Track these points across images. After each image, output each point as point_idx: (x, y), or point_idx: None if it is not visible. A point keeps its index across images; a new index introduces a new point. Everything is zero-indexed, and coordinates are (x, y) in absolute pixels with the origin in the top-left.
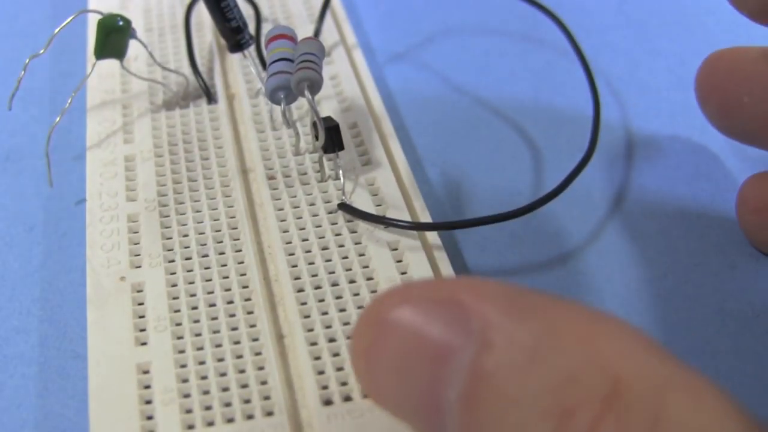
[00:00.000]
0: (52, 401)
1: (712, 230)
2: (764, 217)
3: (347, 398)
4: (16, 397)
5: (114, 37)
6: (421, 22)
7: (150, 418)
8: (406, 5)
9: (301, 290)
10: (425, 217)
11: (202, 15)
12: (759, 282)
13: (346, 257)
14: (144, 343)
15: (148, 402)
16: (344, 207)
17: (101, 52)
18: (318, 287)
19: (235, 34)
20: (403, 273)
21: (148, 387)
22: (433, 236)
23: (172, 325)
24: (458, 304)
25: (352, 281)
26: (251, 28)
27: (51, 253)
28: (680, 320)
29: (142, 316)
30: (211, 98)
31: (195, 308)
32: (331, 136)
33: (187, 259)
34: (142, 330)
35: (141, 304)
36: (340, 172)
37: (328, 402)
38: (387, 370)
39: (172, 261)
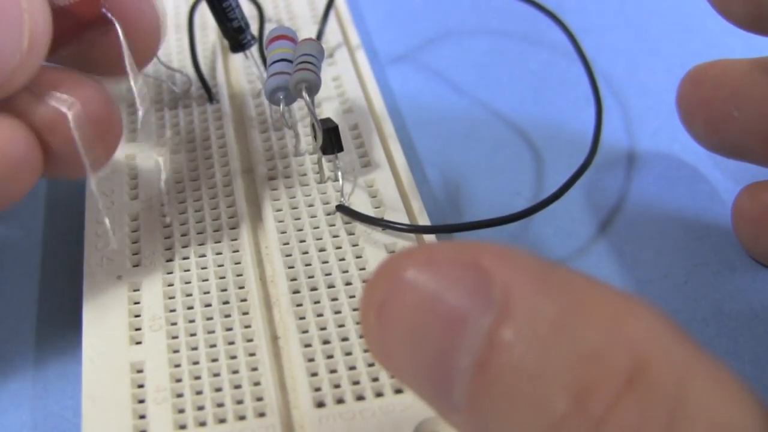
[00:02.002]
0: (51, 402)
1: (711, 232)
2: (760, 227)
3: (340, 401)
4: (15, 397)
5: None
6: (423, 24)
7: (142, 416)
8: (409, 7)
9: (296, 291)
10: (423, 219)
11: (206, 15)
12: (758, 283)
13: (343, 259)
14: (138, 342)
15: (141, 401)
16: (342, 209)
17: None
18: (314, 289)
19: (237, 34)
20: None
21: (141, 386)
22: (430, 239)
23: (167, 325)
24: (481, 269)
25: (348, 283)
26: (254, 28)
27: (50, 253)
28: (680, 321)
29: (137, 315)
30: (213, 98)
31: (191, 308)
32: (330, 138)
33: (185, 258)
34: (137, 329)
35: (137, 303)
36: (339, 173)
37: (320, 404)
38: (398, 329)
39: (170, 260)
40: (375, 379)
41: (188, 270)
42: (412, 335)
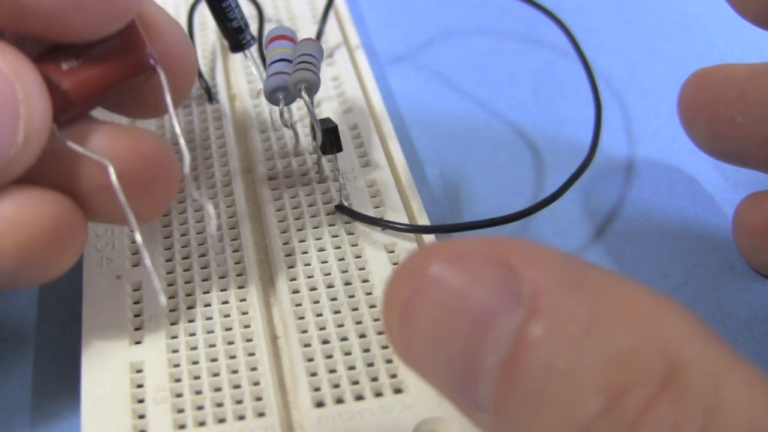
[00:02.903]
0: (50, 402)
1: (711, 232)
2: (762, 238)
3: (339, 401)
4: (14, 397)
5: None
6: (423, 24)
7: (142, 416)
8: (409, 7)
9: (296, 291)
10: (423, 219)
11: (206, 15)
12: (758, 283)
13: (342, 259)
14: (138, 342)
15: (141, 401)
16: (342, 209)
17: None
18: (313, 289)
19: (236, 34)
20: None
21: (140, 386)
22: (430, 239)
23: (167, 325)
24: (509, 265)
25: (347, 283)
26: (254, 28)
27: None
28: None
29: (137, 315)
30: (212, 98)
31: (191, 308)
32: (329, 138)
33: (185, 258)
34: (137, 329)
35: (137, 303)
36: (338, 173)
37: (319, 404)
38: (422, 326)
39: (170, 260)
40: (374, 379)
41: (188, 270)
42: (436, 333)
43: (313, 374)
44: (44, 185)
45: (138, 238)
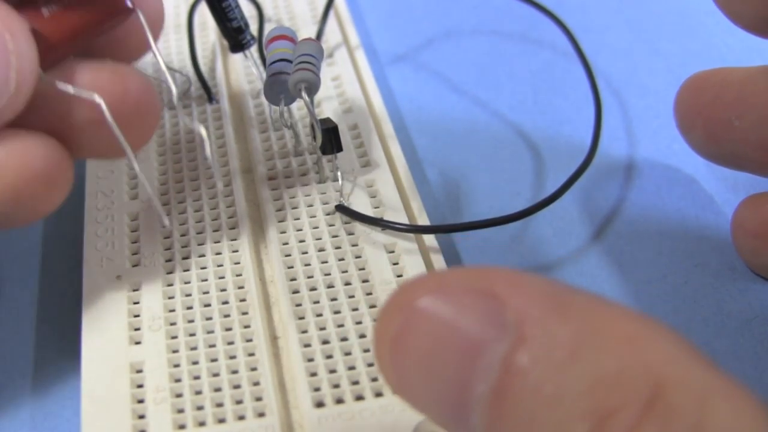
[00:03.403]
0: (50, 402)
1: (710, 232)
2: (761, 240)
3: (339, 401)
4: (14, 397)
5: None
6: (423, 24)
7: (142, 416)
8: (409, 7)
9: (296, 291)
10: (423, 219)
11: (206, 15)
12: (758, 283)
13: (342, 259)
14: (138, 342)
15: (141, 401)
16: (341, 209)
17: None
18: (313, 289)
19: (236, 34)
20: (399, 276)
21: (140, 386)
22: (429, 239)
23: (166, 325)
24: (494, 295)
25: (347, 283)
26: (254, 28)
27: (49, 253)
28: (679, 321)
29: (137, 315)
30: (212, 98)
31: (190, 308)
32: (329, 138)
33: (185, 258)
34: (137, 329)
35: (136, 303)
36: (338, 173)
37: (319, 404)
38: (413, 358)
39: (170, 260)
40: (374, 379)
41: (188, 270)
42: (427, 364)
43: (313, 374)
44: (33, 126)
45: (135, 166)
